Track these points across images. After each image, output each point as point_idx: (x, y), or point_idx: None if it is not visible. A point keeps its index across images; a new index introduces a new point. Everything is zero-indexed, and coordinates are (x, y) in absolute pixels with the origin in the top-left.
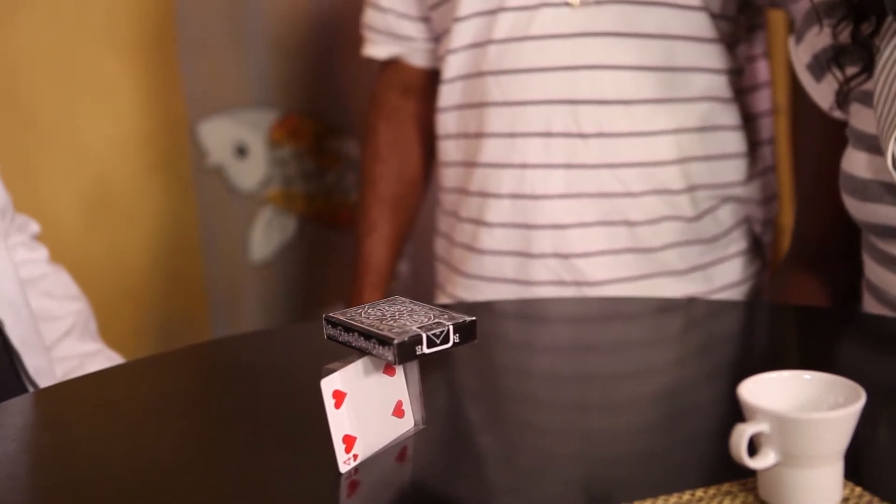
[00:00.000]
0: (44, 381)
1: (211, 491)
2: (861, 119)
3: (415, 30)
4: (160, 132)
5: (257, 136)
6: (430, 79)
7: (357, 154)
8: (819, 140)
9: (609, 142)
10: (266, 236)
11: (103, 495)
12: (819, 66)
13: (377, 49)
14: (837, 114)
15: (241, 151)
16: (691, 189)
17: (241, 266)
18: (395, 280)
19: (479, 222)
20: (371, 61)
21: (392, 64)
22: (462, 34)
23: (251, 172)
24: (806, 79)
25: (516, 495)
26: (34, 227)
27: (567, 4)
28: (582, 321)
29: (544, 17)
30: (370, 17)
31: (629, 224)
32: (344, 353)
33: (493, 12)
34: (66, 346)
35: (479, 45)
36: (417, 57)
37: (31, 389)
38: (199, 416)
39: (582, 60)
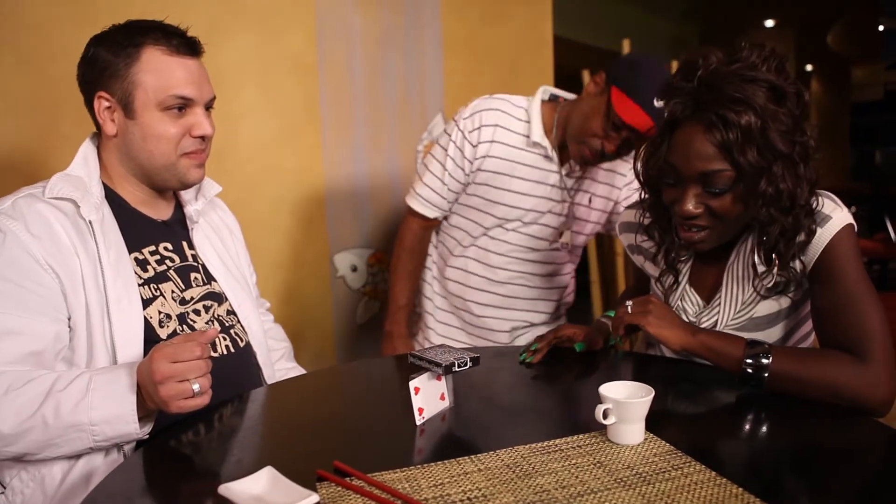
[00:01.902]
0: (271, 381)
1: (348, 427)
2: (648, 268)
3: (447, 207)
4: (315, 260)
5: (362, 261)
6: (434, 225)
7: None
8: (634, 273)
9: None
10: (364, 311)
11: (305, 433)
12: (630, 250)
13: (428, 211)
14: (646, 267)
15: (354, 269)
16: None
17: (352, 326)
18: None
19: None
20: None
21: (426, 217)
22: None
23: (358, 279)
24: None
25: (491, 433)
26: (267, 304)
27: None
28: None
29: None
30: (430, 195)
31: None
32: (414, 370)
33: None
34: (280, 364)
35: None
36: (438, 217)
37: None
38: (346, 394)
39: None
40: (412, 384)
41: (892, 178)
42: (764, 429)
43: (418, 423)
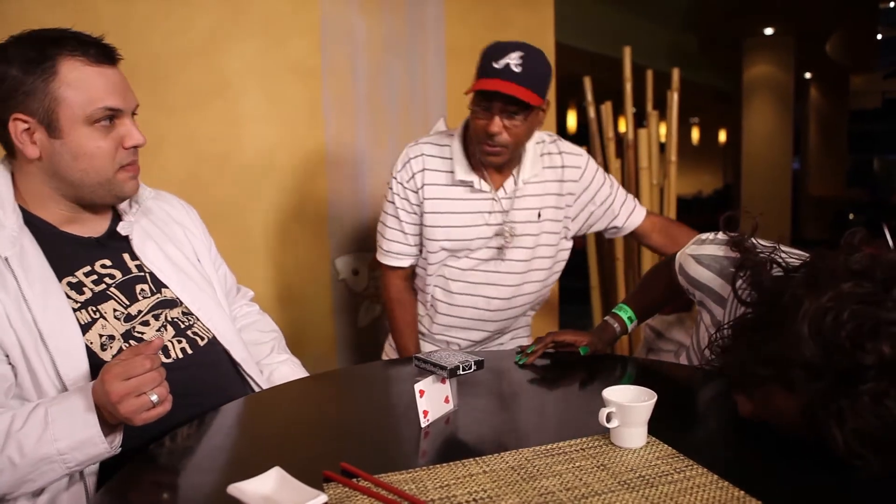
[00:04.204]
0: (258, 379)
1: (353, 429)
2: (707, 318)
3: (416, 251)
4: (317, 264)
5: (364, 264)
6: (413, 269)
7: None
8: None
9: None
10: (366, 314)
11: (310, 435)
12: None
13: (402, 262)
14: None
15: (356, 272)
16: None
17: (353, 329)
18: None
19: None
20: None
21: (403, 268)
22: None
23: (360, 283)
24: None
25: (495, 436)
26: (251, 293)
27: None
28: (513, 361)
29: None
30: (398, 248)
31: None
32: (419, 374)
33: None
34: (268, 359)
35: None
36: (413, 263)
37: (252, 387)
38: (352, 397)
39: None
40: (417, 387)
41: (890, 185)
42: (766, 433)
43: (423, 425)
